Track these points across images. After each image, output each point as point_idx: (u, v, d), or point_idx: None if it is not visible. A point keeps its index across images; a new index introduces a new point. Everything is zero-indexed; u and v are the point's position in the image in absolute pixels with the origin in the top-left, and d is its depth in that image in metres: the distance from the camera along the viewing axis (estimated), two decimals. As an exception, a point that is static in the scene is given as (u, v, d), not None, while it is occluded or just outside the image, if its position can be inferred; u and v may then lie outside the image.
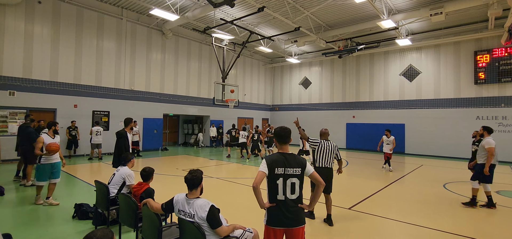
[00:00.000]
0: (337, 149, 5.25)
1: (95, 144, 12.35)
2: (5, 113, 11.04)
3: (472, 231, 4.89)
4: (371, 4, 11.27)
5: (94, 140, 12.31)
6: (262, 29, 16.41)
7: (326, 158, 5.06)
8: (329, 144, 5.13)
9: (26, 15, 11.51)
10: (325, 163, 5.07)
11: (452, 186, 8.41)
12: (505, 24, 12.20)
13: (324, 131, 5.35)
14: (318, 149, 5.07)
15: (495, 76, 14.53)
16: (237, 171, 10.69)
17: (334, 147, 5.16)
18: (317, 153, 5.07)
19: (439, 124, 16.07)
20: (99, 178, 4.77)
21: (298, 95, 22.87)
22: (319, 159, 5.06)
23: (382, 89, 18.53)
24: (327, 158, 5.06)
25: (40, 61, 11.89)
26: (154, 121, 16.03)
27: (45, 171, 5.60)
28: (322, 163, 5.06)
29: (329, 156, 5.07)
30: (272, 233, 2.71)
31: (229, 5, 10.55)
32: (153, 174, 4.31)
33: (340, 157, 5.33)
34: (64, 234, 4.41)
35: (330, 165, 5.11)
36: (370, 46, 17.37)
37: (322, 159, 5.06)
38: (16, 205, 5.86)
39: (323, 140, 5.19)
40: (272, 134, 13.37)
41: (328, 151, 5.07)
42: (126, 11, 14.53)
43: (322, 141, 5.15)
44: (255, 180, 2.63)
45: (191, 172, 2.96)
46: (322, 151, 5.06)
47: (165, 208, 3.08)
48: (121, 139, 6.16)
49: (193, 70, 18.16)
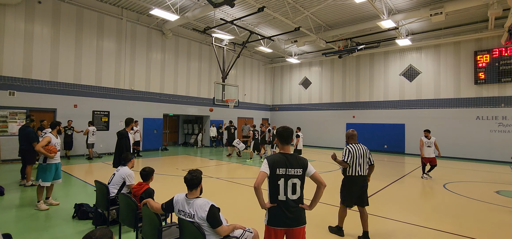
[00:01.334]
0: (369, 151, 4.57)
1: (91, 144, 12.38)
2: (5, 113, 11.04)
3: (472, 231, 4.89)
4: (371, 4, 11.27)
5: (90, 140, 12.34)
6: (262, 29, 16.41)
7: (360, 164, 4.37)
8: (359, 147, 4.44)
9: (26, 15, 11.51)
10: (359, 171, 4.37)
11: (452, 186, 8.41)
12: (505, 24, 12.19)
13: (351, 132, 4.62)
14: (350, 155, 4.35)
15: (495, 76, 14.53)
16: (237, 171, 10.69)
17: (366, 150, 4.48)
18: (348, 160, 4.34)
19: (439, 124, 16.07)
20: (99, 178, 4.77)
21: (298, 95, 22.87)
22: (352, 167, 4.36)
23: (382, 89, 18.53)
24: (361, 164, 4.37)
25: (40, 61, 11.89)
26: (154, 120, 16.03)
27: (51, 171, 5.56)
28: (355, 170, 4.36)
29: (363, 161, 4.39)
30: (273, 233, 2.71)
31: (229, 5, 10.55)
32: (153, 174, 4.31)
33: (373, 161, 4.56)
34: (64, 234, 4.41)
35: (364, 172, 4.42)
36: (370, 46, 17.37)
37: (355, 166, 4.35)
38: (16, 205, 5.86)
39: (351, 144, 4.48)
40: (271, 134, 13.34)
41: (361, 156, 4.38)
42: (126, 11, 14.53)
43: (351, 146, 4.44)
44: (256, 181, 2.64)
45: (190, 172, 2.96)
46: (354, 157, 4.34)
47: (165, 208, 3.08)
48: (122, 138, 6.17)
49: (193, 70, 18.15)
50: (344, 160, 4.39)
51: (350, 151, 4.37)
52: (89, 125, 12.45)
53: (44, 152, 5.32)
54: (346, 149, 4.42)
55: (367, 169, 4.49)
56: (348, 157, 4.36)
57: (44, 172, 5.49)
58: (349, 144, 4.49)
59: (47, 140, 5.45)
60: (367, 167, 4.47)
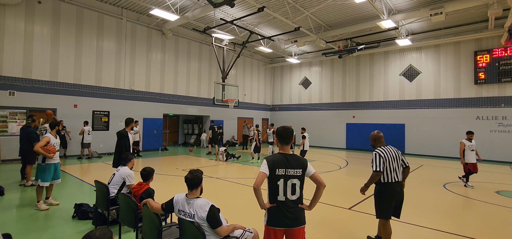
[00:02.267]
0: (401, 153, 4.00)
1: (86, 143, 12.39)
2: (5, 113, 11.04)
3: (472, 231, 4.89)
4: (371, 4, 11.27)
5: (86, 139, 12.34)
6: (262, 29, 16.41)
7: (394, 169, 3.77)
8: (390, 149, 3.84)
9: (26, 15, 11.51)
10: (395, 176, 3.77)
11: (452, 186, 8.41)
12: (505, 24, 12.20)
13: (376, 134, 4.00)
14: (381, 160, 3.72)
15: (495, 76, 14.52)
16: (237, 171, 10.69)
17: (397, 152, 3.89)
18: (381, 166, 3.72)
19: (439, 124, 16.07)
20: (98, 178, 4.77)
21: (298, 95, 22.87)
22: (386, 173, 3.75)
23: (382, 89, 18.53)
24: (395, 168, 3.78)
25: (40, 61, 11.89)
26: (154, 120, 16.03)
27: (50, 171, 5.56)
28: (391, 176, 3.75)
29: (397, 165, 3.80)
30: (272, 233, 2.71)
31: (229, 5, 10.55)
32: (153, 174, 4.31)
33: (407, 163, 3.98)
34: (64, 234, 4.41)
35: (400, 178, 3.83)
36: (370, 46, 17.37)
37: (390, 171, 3.74)
38: (16, 205, 5.86)
39: (380, 147, 3.86)
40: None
41: (394, 159, 3.79)
42: (126, 11, 14.54)
43: (380, 149, 3.80)
44: (256, 181, 2.63)
45: (191, 171, 2.97)
46: (387, 161, 3.74)
47: (165, 208, 3.08)
48: (121, 138, 6.17)
49: (193, 70, 18.15)
50: (375, 169, 3.73)
51: (381, 156, 3.73)
52: (84, 124, 12.46)
53: (42, 152, 5.32)
54: (376, 154, 3.76)
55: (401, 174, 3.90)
56: (380, 164, 3.70)
57: (43, 172, 5.49)
58: (377, 148, 3.85)
59: (46, 140, 5.45)
60: (401, 171, 3.89)
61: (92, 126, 13.35)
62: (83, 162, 11.49)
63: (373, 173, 3.75)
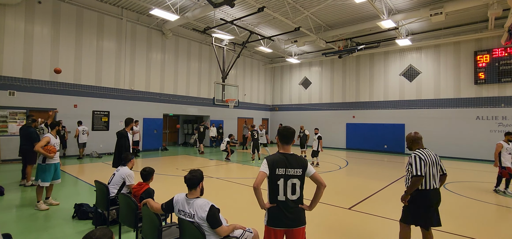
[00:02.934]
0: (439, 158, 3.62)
1: (82, 143, 12.39)
2: (5, 113, 11.04)
3: (472, 231, 4.89)
4: (371, 4, 11.27)
5: (81, 139, 12.34)
6: (262, 29, 16.41)
7: (433, 175, 3.45)
8: (430, 153, 3.51)
9: (26, 15, 11.51)
10: (434, 183, 3.45)
11: (452, 186, 8.41)
12: (505, 24, 12.20)
13: (414, 135, 3.65)
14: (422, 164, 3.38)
15: (495, 76, 14.53)
16: (237, 171, 10.69)
17: (436, 157, 3.56)
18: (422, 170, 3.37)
19: (439, 124, 16.07)
20: (98, 178, 4.77)
21: (298, 95, 22.87)
22: (425, 179, 3.43)
23: (382, 89, 18.53)
24: (434, 174, 3.46)
25: (40, 61, 11.89)
26: (154, 121, 16.03)
27: (50, 172, 5.56)
28: (429, 183, 3.42)
29: (435, 171, 3.48)
30: (273, 233, 2.70)
31: (229, 5, 10.55)
32: (153, 174, 4.31)
33: (444, 170, 3.62)
34: (64, 234, 4.41)
35: (437, 184, 3.51)
36: (370, 46, 17.37)
37: (429, 177, 3.43)
38: (16, 205, 5.86)
39: (418, 150, 3.53)
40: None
41: (433, 164, 3.46)
42: (126, 11, 14.54)
43: (420, 152, 3.47)
44: (256, 181, 2.63)
45: (190, 171, 2.97)
46: (427, 165, 3.40)
47: (165, 208, 3.08)
48: (121, 139, 6.17)
49: (193, 70, 18.16)
50: (416, 174, 3.36)
51: (421, 158, 3.39)
52: (78, 124, 12.45)
53: (43, 152, 5.32)
54: (416, 157, 3.43)
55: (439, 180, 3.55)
56: (421, 168, 3.36)
57: (43, 172, 5.49)
58: (416, 150, 3.54)
59: (47, 140, 5.45)
60: (439, 178, 3.54)
61: (92, 126, 13.36)
62: (84, 162, 11.49)
63: (414, 178, 3.37)
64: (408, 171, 3.55)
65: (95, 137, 13.40)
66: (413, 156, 3.46)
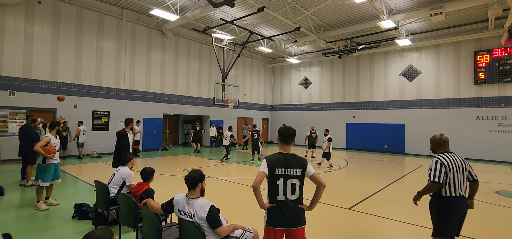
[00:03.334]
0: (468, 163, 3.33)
1: (81, 143, 12.41)
2: (5, 113, 11.04)
3: (472, 231, 4.89)
4: (371, 4, 11.27)
5: (80, 139, 12.36)
6: (262, 29, 16.41)
7: (459, 181, 3.16)
8: (455, 157, 3.22)
9: (26, 15, 11.51)
10: (459, 190, 3.15)
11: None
12: (505, 24, 12.19)
13: (439, 138, 3.39)
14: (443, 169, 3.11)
15: (495, 76, 14.53)
16: (237, 171, 10.69)
17: (464, 161, 3.27)
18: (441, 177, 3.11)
19: (439, 124, 16.07)
20: (98, 178, 4.77)
21: (298, 95, 22.87)
22: (449, 186, 3.13)
23: (382, 89, 18.54)
24: (460, 180, 3.17)
25: (40, 61, 11.89)
26: (154, 120, 16.03)
27: (50, 172, 5.56)
28: (455, 190, 3.13)
29: (462, 177, 3.19)
30: (272, 233, 2.70)
31: (229, 5, 10.55)
32: (153, 174, 4.31)
33: (475, 176, 3.34)
34: (64, 234, 4.41)
35: (464, 192, 3.22)
36: (370, 46, 17.37)
37: (453, 183, 3.13)
38: (16, 205, 5.86)
39: (443, 153, 3.26)
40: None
41: (459, 169, 3.17)
42: (126, 11, 14.54)
43: (444, 156, 3.20)
44: (255, 180, 2.63)
45: (190, 171, 2.98)
46: (451, 171, 3.12)
47: (165, 208, 3.08)
48: (121, 139, 6.17)
49: (193, 70, 18.16)
50: (433, 180, 3.13)
51: (443, 164, 3.12)
52: (79, 124, 12.46)
53: (42, 152, 5.32)
54: (437, 162, 3.16)
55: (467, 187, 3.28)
56: (440, 174, 3.09)
57: (43, 172, 5.49)
58: (440, 154, 3.27)
59: (47, 140, 5.45)
60: (466, 185, 3.27)
61: (92, 126, 13.36)
62: (83, 162, 11.49)
63: (429, 184, 3.16)
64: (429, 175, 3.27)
65: (95, 137, 13.40)
66: (435, 161, 3.21)
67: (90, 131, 13.17)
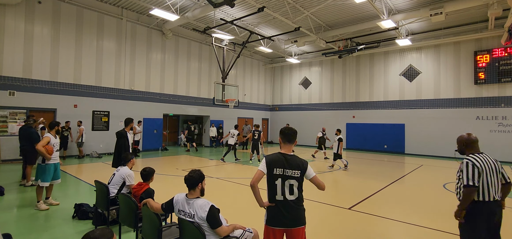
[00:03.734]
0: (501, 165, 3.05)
1: (82, 142, 12.43)
2: (5, 113, 11.04)
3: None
4: (371, 4, 11.27)
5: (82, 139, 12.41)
6: (262, 29, 16.41)
7: (493, 184, 2.86)
8: (487, 159, 2.94)
9: (26, 15, 11.51)
10: (493, 194, 2.84)
11: (452, 186, 8.41)
12: (505, 24, 12.20)
13: (467, 138, 3.17)
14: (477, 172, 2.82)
15: (495, 76, 14.53)
16: (237, 171, 10.69)
17: (496, 162, 3.00)
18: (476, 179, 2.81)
19: (439, 124, 16.08)
20: (98, 178, 4.77)
21: (298, 95, 22.87)
22: (482, 189, 2.84)
23: (382, 89, 18.53)
24: (494, 183, 2.87)
25: (40, 61, 11.89)
26: (154, 120, 16.03)
27: (50, 172, 5.56)
28: (488, 193, 2.83)
29: (495, 179, 2.89)
30: (272, 233, 2.70)
31: (229, 5, 10.55)
32: (153, 174, 4.31)
33: (508, 178, 3.03)
34: (64, 234, 4.41)
35: (498, 195, 2.89)
36: (370, 46, 17.37)
37: (487, 187, 2.83)
38: (16, 205, 5.86)
39: (474, 155, 2.98)
40: None
41: (492, 171, 2.88)
42: (126, 11, 14.54)
43: (475, 157, 2.92)
44: (253, 179, 2.64)
45: (190, 171, 2.98)
46: (483, 173, 2.84)
47: (165, 208, 3.08)
48: (121, 139, 6.17)
49: (193, 70, 18.16)
50: (469, 183, 2.81)
51: (475, 165, 2.83)
52: (79, 124, 12.46)
53: (44, 151, 5.32)
54: (468, 164, 2.87)
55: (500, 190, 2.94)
56: (475, 177, 2.81)
57: (43, 172, 5.49)
58: (470, 155, 2.99)
59: (48, 139, 5.46)
60: (499, 187, 2.93)
61: (92, 126, 13.37)
62: (83, 162, 11.49)
63: (466, 189, 2.82)
64: (459, 179, 2.98)
65: (95, 137, 13.40)
66: (465, 162, 2.90)
67: (90, 131, 13.18)
